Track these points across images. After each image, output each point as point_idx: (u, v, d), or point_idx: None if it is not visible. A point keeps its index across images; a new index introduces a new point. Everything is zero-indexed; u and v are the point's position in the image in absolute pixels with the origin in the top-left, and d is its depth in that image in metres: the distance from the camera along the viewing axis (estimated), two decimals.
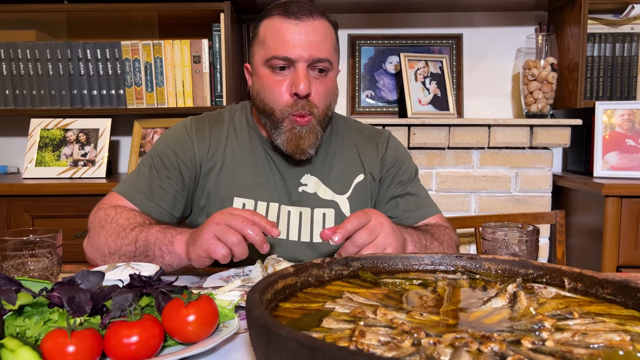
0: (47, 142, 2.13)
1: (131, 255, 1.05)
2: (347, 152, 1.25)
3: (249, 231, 0.92)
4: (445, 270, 0.82)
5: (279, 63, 1.10)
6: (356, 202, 1.22)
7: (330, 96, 1.16)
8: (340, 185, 1.22)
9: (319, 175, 1.21)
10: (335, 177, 1.22)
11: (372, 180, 1.25)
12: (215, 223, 0.93)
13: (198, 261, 0.96)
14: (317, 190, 1.21)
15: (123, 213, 1.12)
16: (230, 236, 0.91)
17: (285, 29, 1.09)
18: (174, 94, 2.14)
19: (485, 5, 2.18)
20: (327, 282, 0.76)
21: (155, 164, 1.19)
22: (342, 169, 1.23)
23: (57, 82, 2.13)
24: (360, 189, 1.23)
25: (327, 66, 1.12)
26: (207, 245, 0.92)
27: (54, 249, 0.93)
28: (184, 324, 0.66)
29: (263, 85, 1.13)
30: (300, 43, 1.08)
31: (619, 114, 1.94)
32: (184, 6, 2.01)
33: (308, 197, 1.20)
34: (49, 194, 1.89)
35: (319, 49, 1.10)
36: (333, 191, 1.22)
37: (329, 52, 1.12)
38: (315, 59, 1.09)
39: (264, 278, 0.66)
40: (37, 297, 0.68)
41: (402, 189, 1.26)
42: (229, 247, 0.92)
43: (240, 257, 0.93)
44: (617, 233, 1.73)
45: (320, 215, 1.20)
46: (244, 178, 1.19)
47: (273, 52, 1.10)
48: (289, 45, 1.09)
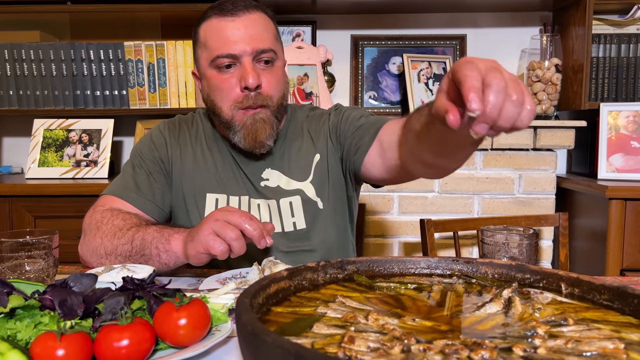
0: (50, 142, 2.14)
1: (127, 254, 1.05)
2: (301, 139, 1.24)
3: (247, 225, 0.92)
4: (442, 274, 0.81)
5: (224, 61, 1.10)
6: (319, 183, 1.22)
7: (282, 85, 1.17)
8: (301, 172, 1.22)
9: (280, 168, 1.22)
10: (295, 166, 1.22)
11: (326, 156, 1.22)
12: (213, 219, 0.94)
13: (196, 258, 0.96)
14: (279, 183, 1.21)
15: (119, 215, 1.13)
16: (229, 231, 0.92)
17: (224, 27, 1.10)
18: (177, 94, 2.14)
19: (489, 5, 2.16)
20: (322, 286, 0.75)
21: (137, 163, 1.23)
22: (299, 156, 1.23)
23: (61, 82, 2.13)
24: (320, 169, 1.22)
25: (272, 56, 1.13)
26: (206, 241, 0.93)
27: (50, 251, 0.93)
28: (175, 328, 0.65)
29: (211, 86, 1.14)
30: (242, 38, 1.09)
31: (624, 116, 1.92)
32: (187, 7, 2.01)
33: (272, 190, 1.21)
34: (52, 194, 1.90)
35: (260, 40, 1.10)
36: (295, 180, 1.22)
37: (272, 42, 1.13)
38: (259, 50, 1.10)
39: (257, 282, 0.65)
40: (28, 299, 0.67)
41: (354, 127, 1.19)
42: (227, 243, 0.92)
43: (238, 252, 0.94)
44: (621, 236, 1.72)
45: (287, 205, 1.20)
46: (212, 175, 1.22)
47: (216, 51, 1.10)
48: (231, 42, 1.09)
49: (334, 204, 1.23)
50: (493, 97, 0.60)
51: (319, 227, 1.21)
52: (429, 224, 1.64)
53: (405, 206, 2.06)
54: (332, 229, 1.23)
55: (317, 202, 1.21)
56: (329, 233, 1.22)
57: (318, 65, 2.13)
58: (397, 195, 2.05)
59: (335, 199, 1.23)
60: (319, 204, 1.21)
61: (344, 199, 1.26)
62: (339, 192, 1.24)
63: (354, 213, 1.32)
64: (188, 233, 1.00)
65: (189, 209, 1.22)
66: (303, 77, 2.12)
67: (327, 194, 1.22)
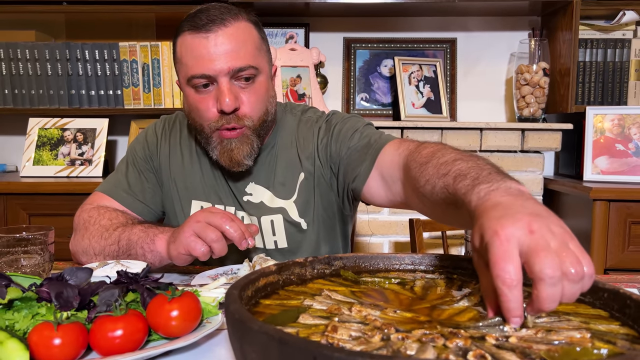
0: (45, 141, 2.16)
1: (115, 255, 1.07)
2: (288, 152, 1.17)
3: (227, 227, 0.93)
4: (425, 270, 0.84)
5: (200, 82, 1.03)
6: (303, 203, 1.16)
7: (264, 102, 1.09)
8: (284, 190, 1.16)
9: (264, 183, 1.17)
10: (280, 182, 1.16)
11: (312, 176, 1.15)
12: (195, 221, 0.95)
13: (178, 259, 0.98)
14: (263, 199, 1.16)
15: (105, 214, 1.15)
16: (210, 233, 0.93)
17: (197, 44, 1.01)
18: (171, 94, 2.17)
19: (479, 10, 2.20)
20: (309, 280, 0.78)
21: (131, 161, 1.23)
22: (285, 172, 1.16)
23: (56, 82, 2.15)
24: (304, 188, 1.16)
25: (253, 73, 1.05)
26: (187, 242, 0.94)
27: (46, 246, 0.96)
28: (168, 319, 0.68)
29: (189, 104, 1.09)
30: (217, 56, 1.01)
31: (609, 119, 1.96)
32: (182, 9, 2.03)
33: (254, 206, 1.16)
34: (46, 192, 1.92)
35: (237, 57, 1.02)
36: (279, 197, 1.16)
37: (251, 56, 1.04)
38: (236, 69, 1.02)
39: (246, 275, 0.68)
40: (26, 292, 0.70)
41: (346, 148, 1.12)
42: (208, 244, 0.94)
43: (219, 253, 0.95)
44: (604, 236, 1.76)
45: (268, 223, 1.16)
46: (198, 181, 1.19)
47: (191, 71, 1.03)
48: (205, 62, 1.01)
49: (322, 223, 1.18)
50: (548, 291, 0.52)
51: (303, 247, 1.17)
52: (418, 223, 1.67)
53: None
54: (319, 248, 1.18)
55: (301, 223, 1.16)
56: (315, 252, 1.17)
57: (311, 67, 2.16)
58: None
59: (324, 218, 1.18)
60: (302, 224, 1.16)
61: (336, 217, 1.20)
62: (328, 211, 1.18)
63: (348, 232, 1.28)
64: (172, 233, 1.01)
65: (177, 212, 1.22)
66: (296, 79, 2.15)
67: (313, 215, 1.16)
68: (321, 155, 1.15)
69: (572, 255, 0.53)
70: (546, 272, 0.51)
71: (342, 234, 1.25)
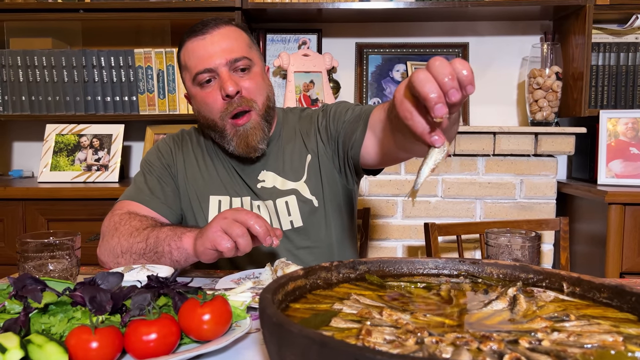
0: (62, 147, 2.19)
1: (141, 252, 1.10)
2: (294, 141, 1.31)
3: (252, 222, 0.97)
4: (449, 274, 0.85)
5: (204, 77, 1.18)
6: (314, 182, 1.28)
7: (264, 89, 1.23)
8: (294, 173, 1.28)
9: (274, 169, 1.28)
10: (289, 167, 1.28)
11: (317, 155, 1.28)
12: (222, 217, 0.99)
13: (204, 254, 1.01)
14: (275, 184, 1.27)
15: (136, 217, 1.19)
16: (235, 228, 0.96)
17: (197, 46, 1.18)
18: (186, 101, 2.18)
19: (491, 14, 2.21)
20: (335, 285, 0.79)
21: (147, 171, 1.31)
22: (292, 157, 1.29)
23: (72, 88, 2.18)
24: (312, 169, 1.28)
25: (248, 63, 1.19)
26: (214, 237, 0.98)
27: (73, 251, 0.97)
28: (200, 323, 0.69)
29: (198, 102, 1.22)
30: (215, 52, 1.17)
31: (622, 123, 1.96)
32: (196, 15, 2.06)
33: (268, 191, 1.27)
34: (64, 197, 1.94)
35: (232, 50, 1.18)
36: (290, 180, 1.28)
37: (244, 50, 1.20)
38: (232, 60, 1.17)
39: (275, 280, 0.69)
40: (61, 296, 0.72)
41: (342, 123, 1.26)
42: (234, 240, 0.97)
43: (243, 249, 0.98)
44: (620, 240, 1.76)
45: (283, 205, 1.26)
46: (214, 179, 1.29)
47: (194, 69, 1.18)
48: (205, 58, 1.17)
49: (329, 201, 1.29)
50: (444, 78, 0.68)
51: (316, 225, 1.27)
52: (433, 227, 1.67)
53: (408, 210, 2.10)
54: (329, 225, 1.29)
55: (312, 200, 1.27)
56: (327, 230, 1.28)
57: (324, 73, 2.18)
58: (401, 200, 2.09)
59: (331, 196, 1.29)
60: (314, 202, 1.27)
61: (340, 194, 1.31)
62: (334, 189, 1.29)
63: (355, 207, 1.38)
64: (199, 231, 1.05)
65: (195, 212, 1.28)
66: (309, 84, 2.17)
67: (322, 192, 1.28)
68: (322, 136, 1.29)
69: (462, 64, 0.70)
70: (441, 70, 0.68)
71: (348, 213, 1.35)
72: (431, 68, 0.70)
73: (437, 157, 0.76)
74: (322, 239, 1.28)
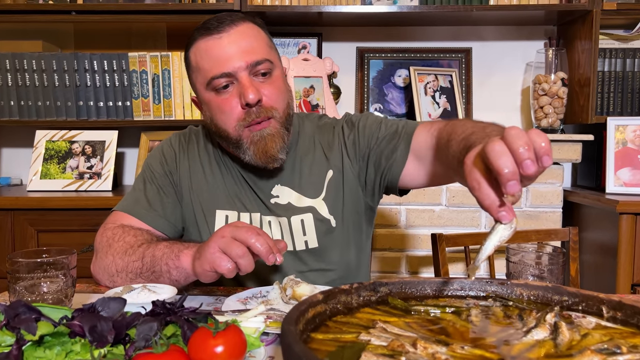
0: (53, 154, 2.11)
1: (138, 272, 1.03)
2: (312, 152, 1.19)
3: (253, 240, 0.89)
4: (476, 295, 0.80)
5: (221, 82, 1.05)
6: (333, 200, 1.17)
7: (285, 94, 1.11)
8: (312, 189, 1.17)
9: (290, 184, 1.17)
10: (306, 181, 1.17)
11: (341, 172, 1.17)
12: (220, 236, 0.92)
13: (204, 276, 0.94)
14: (290, 200, 1.17)
15: (130, 231, 1.12)
16: (235, 248, 0.89)
17: (212, 46, 1.05)
18: (182, 106, 2.12)
19: (494, 19, 2.17)
20: (356, 309, 0.73)
21: (148, 178, 1.20)
22: (311, 171, 1.18)
23: (63, 93, 2.10)
24: (333, 186, 1.17)
25: (269, 67, 1.07)
26: (212, 259, 0.90)
27: (68, 271, 0.90)
28: (213, 356, 0.63)
29: (212, 109, 1.09)
30: (233, 53, 1.04)
31: (630, 130, 1.93)
32: (193, 18, 1.99)
33: (282, 207, 1.16)
34: (55, 207, 1.86)
35: (253, 52, 1.05)
36: (307, 197, 1.17)
37: (266, 51, 1.08)
38: (254, 62, 1.04)
39: (295, 307, 0.63)
40: (57, 326, 0.65)
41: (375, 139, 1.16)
42: (234, 260, 0.89)
43: (245, 270, 0.91)
44: (631, 251, 1.71)
45: (298, 223, 1.16)
46: (221, 191, 1.18)
47: (209, 73, 1.05)
48: (223, 60, 1.04)
49: (349, 221, 1.19)
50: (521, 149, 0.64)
51: (333, 247, 1.18)
52: (441, 238, 1.62)
53: (412, 219, 2.04)
54: (346, 247, 1.19)
55: (330, 220, 1.17)
56: (342, 252, 1.19)
57: (324, 77, 2.12)
58: (404, 208, 2.03)
59: (350, 216, 1.19)
60: (332, 222, 1.17)
61: (361, 214, 1.21)
62: (355, 208, 1.20)
63: (371, 233, 1.29)
64: (197, 249, 0.97)
65: (199, 225, 1.19)
66: (309, 89, 2.11)
67: (341, 212, 1.17)
68: (349, 151, 1.18)
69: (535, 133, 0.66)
70: (518, 141, 0.65)
71: (366, 234, 1.26)
72: (507, 137, 0.65)
73: (503, 233, 0.71)
74: (336, 261, 1.18)
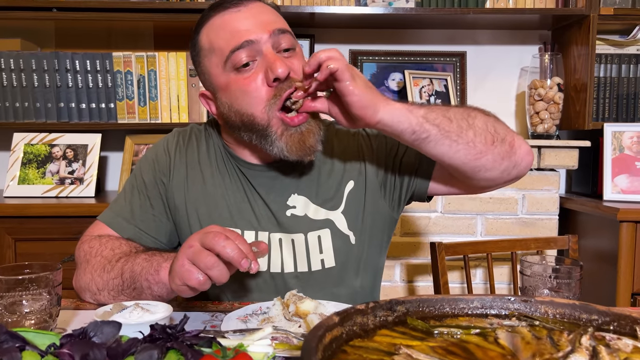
0: (32, 158, 2.00)
1: (119, 289, 0.95)
2: (331, 160, 1.08)
3: (222, 244, 0.77)
4: (498, 314, 0.74)
5: (241, 57, 0.93)
6: (353, 214, 1.06)
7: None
8: (331, 200, 1.06)
9: (307, 194, 1.06)
10: (325, 192, 1.06)
11: (364, 184, 1.08)
12: (188, 246, 0.82)
13: (179, 291, 0.85)
14: (307, 212, 1.05)
15: (108, 243, 1.02)
16: (203, 258, 0.79)
17: (229, 19, 0.96)
18: (168, 108, 2.04)
19: (489, 23, 2.14)
20: (372, 331, 0.67)
21: (137, 184, 1.10)
22: (330, 181, 1.07)
23: (43, 94, 2.00)
24: (353, 198, 1.07)
25: (292, 41, 0.97)
26: (181, 272, 0.81)
27: (53, 288, 0.82)
28: None
29: (232, 94, 0.97)
30: (254, 24, 0.94)
31: (627, 136, 1.91)
32: (182, 17, 1.92)
33: (298, 220, 1.04)
34: (34, 214, 1.76)
35: (276, 22, 0.96)
36: (325, 208, 1.06)
37: (286, 25, 0.99)
38: (277, 30, 0.94)
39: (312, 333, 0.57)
40: (45, 355, 0.58)
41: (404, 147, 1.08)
42: (204, 272, 0.80)
43: (218, 281, 0.81)
44: (632, 259, 1.69)
45: (315, 240, 1.04)
46: (223, 205, 1.05)
47: (228, 47, 0.94)
48: (243, 31, 0.94)
49: (368, 238, 1.09)
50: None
51: (349, 266, 1.07)
52: (440, 247, 1.57)
53: (407, 227, 1.99)
54: (365, 268, 1.09)
55: (350, 236, 1.06)
56: (361, 273, 1.08)
57: None
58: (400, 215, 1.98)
59: (371, 231, 1.09)
60: (351, 238, 1.06)
61: (383, 228, 1.11)
62: (376, 222, 1.09)
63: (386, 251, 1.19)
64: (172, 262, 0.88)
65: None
66: None
67: (361, 227, 1.07)
68: (371, 159, 1.09)
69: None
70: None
71: (385, 249, 1.16)
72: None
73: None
74: (351, 284, 1.07)
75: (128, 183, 1.12)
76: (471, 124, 0.94)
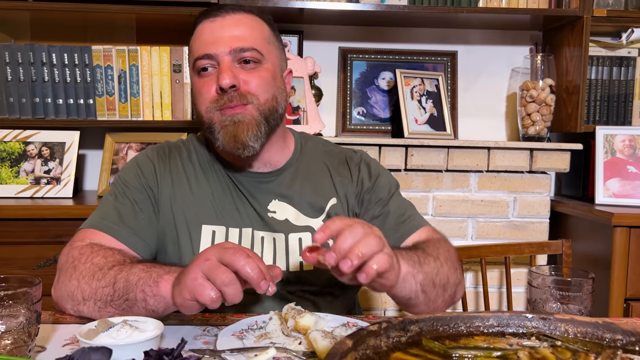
0: (4, 156, 1.90)
1: (108, 299, 0.89)
2: (318, 175, 1.15)
3: (242, 263, 0.76)
4: (515, 332, 0.70)
5: (203, 63, 1.03)
6: None
7: (270, 86, 1.05)
8: (312, 209, 1.11)
9: (289, 201, 1.11)
10: (307, 201, 1.11)
11: (346, 206, 1.14)
12: (204, 259, 0.78)
13: (184, 306, 0.80)
14: (288, 217, 1.10)
15: (100, 251, 0.97)
16: (220, 274, 0.76)
17: (204, 29, 1.05)
18: (151, 105, 1.95)
19: (481, 22, 2.11)
20: (386, 354, 0.63)
21: (120, 192, 1.08)
22: (313, 192, 1.12)
23: (17, 88, 1.90)
24: (334, 212, 1.12)
25: (256, 56, 1.03)
26: (193, 286, 0.77)
27: (32, 305, 0.75)
28: None
29: (194, 94, 1.08)
30: (221, 37, 1.02)
31: (619, 140, 1.90)
32: (166, 10, 1.83)
33: (279, 223, 1.09)
34: (7, 217, 1.67)
35: (241, 39, 1.02)
36: (306, 215, 1.11)
37: (258, 42, 1.04)
38: (238, 48, 1.01)
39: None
40: None
41: (381, 207, 1.13)
42: (219, 289, 0.76)
43: (231, 300, 0.77)
44: (625, 264, 1.68)
45: (295, 241, 1.08)
46: (208, 204, 1.09)
47: (195, 54, 1.05)
48: (209, 42, 1.03)
49: None
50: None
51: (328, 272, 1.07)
52: None
53: None
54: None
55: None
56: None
57: (305, 79, 2.00)
58: None
59: None
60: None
61: None
62: None
63: None
64: (178, 274, 0.84)
65: (180, 242, 1.06)
66: (290, 91, 1.98)
67: None
68: (363, 198, 1.15)
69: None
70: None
71: None
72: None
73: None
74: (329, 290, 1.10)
75: (109, 194, 1.09)
76: (438, 284, 0.97)
